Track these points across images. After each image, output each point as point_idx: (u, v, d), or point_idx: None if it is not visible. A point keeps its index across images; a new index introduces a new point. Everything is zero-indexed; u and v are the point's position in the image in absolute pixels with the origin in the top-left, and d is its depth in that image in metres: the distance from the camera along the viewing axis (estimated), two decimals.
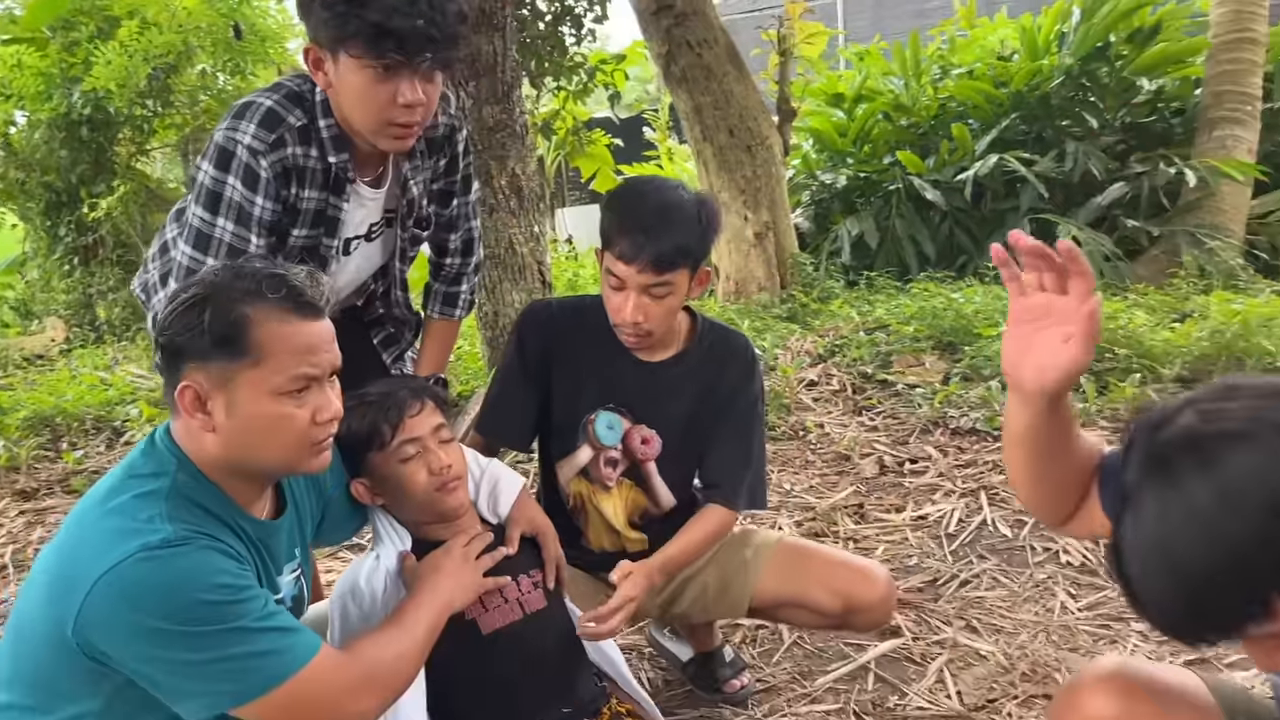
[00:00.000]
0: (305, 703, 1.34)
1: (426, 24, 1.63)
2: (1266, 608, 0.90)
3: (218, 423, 1.37)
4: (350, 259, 2.02)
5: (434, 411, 1.76)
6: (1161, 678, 1.38)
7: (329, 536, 1.84)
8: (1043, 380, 1.22)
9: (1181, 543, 0.92)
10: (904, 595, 2.74)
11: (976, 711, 2.20)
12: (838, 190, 7.89)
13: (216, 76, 7.61)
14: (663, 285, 1.84)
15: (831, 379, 4.64)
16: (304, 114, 1.80)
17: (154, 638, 1.26)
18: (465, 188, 2.16)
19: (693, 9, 6.40)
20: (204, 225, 1.80)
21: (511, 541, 1.83)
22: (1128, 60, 7.44)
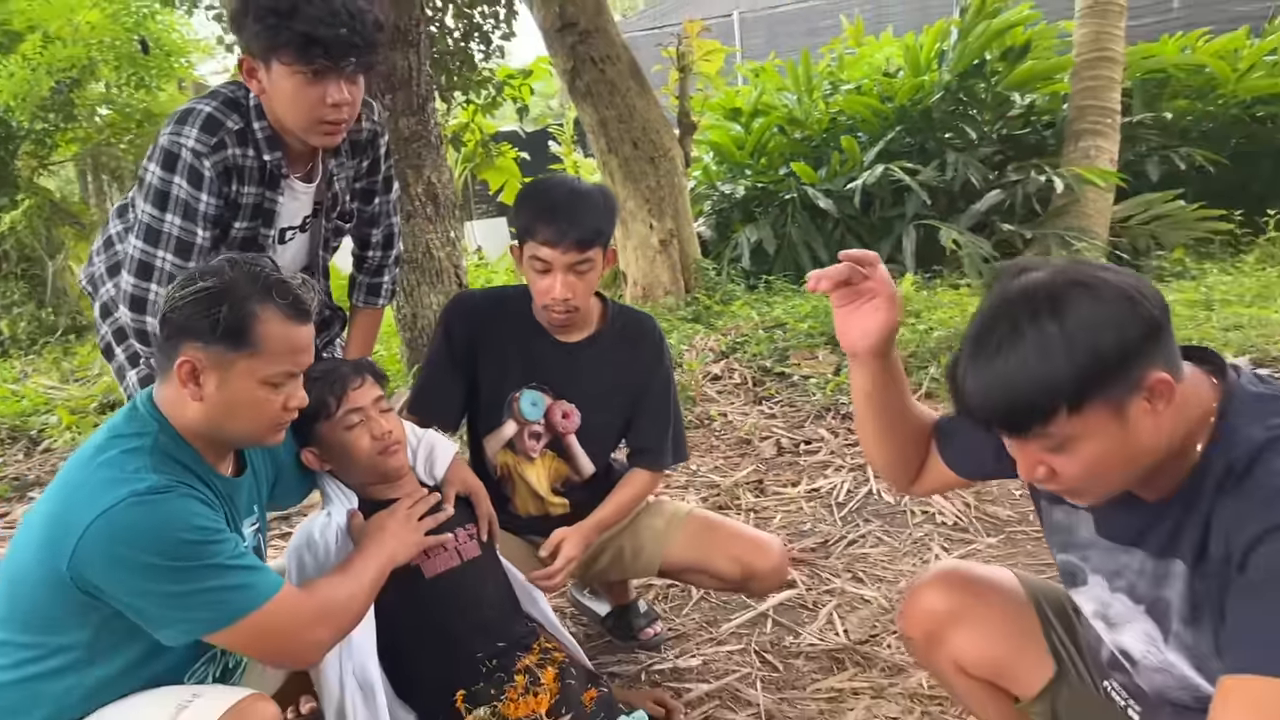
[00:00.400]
0: (270, 631, 1.54)
1: (349, 32, 1.84)
2: (1053, 416, 1.16)
3: (206, 394, 1.56)
4: (286, 248, 2.23)
5: (373, 385, 1.97)
6: (980, 573, 1.72)
7: (282, 500, 2.03)
8: (868, 342, 1.52)
9: (1023, 358, 1.15)
10: (799, 555, 3.05)
11: (861, 645, 2.51)
12: (737, 200, 8.27)
13: (120, 90, 7.58)
14: (585, 262, 2.09)
15: (734, 373, 4.96)
16: (240, 118, 2.00)
17: (142, 571, 1.45)
18: (386, 187, 2.38)
19: (595, 27, 6.68)
20: (153, 221, 1.99)
21: (448, 500, 2.05)
22: (1002, 76, 7.98)
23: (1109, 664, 1.49)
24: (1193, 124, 8.28)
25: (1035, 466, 1.23)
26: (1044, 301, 1.16)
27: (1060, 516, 1.47)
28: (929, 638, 1.69)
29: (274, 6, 1.83)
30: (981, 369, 1.19)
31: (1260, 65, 8.19)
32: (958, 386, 1.23)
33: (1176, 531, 1.27)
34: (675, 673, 2.45)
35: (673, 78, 7.79)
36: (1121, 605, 1.39)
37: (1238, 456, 1.20)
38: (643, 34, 12.75)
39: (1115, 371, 1.14)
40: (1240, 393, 1.25)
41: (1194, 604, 1.28)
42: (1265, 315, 5.18)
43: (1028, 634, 1.64)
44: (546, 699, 1.90)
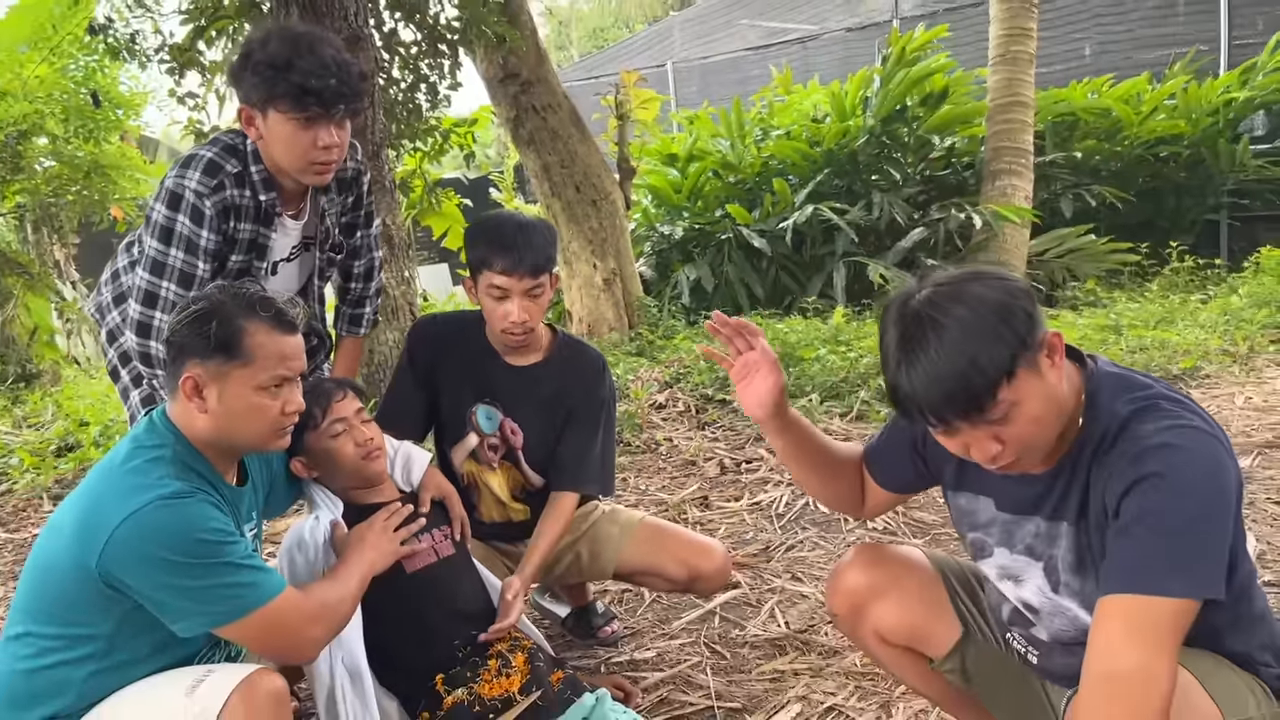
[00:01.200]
0: (276, 626, 1.72)
1: (338, 83, 2.09)
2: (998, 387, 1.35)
3: (210, 407, 1.75)
4: (276, 277, 2.45)
5: (354, 398, 2.17)
6: (894, 551, 1.96)
7: (272, 508, 2.21)
8: (765, 409, 1.78)
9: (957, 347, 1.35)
10: (742, 560, 3.29)
11: (800, 633, 2.75)
12: (676, 240, 8.57)
13: (67, 142, 7.68)
14: (539, 287, 2.31)
15: (677, 401, 5.21)
16: (239, 162, 2.23)
17: (165, 567, 1.62)
18: (367, 221, 2.62)
19: (537, 77, 6.97)
20: (159, 255, 2.20)
21: (424, 503, 2.25)
22: (922, 121, 8.40)
23: (1009, 619, 1.74)
24: (1101, 163, 8.79)
25: (988, 445, 1.42)
26: (948, 298, 1.39)
27: (963, 503, 1.73)
28: (853, 611, 1.91)
29: (271, 61, 2.07)
30: (923, 370, 1.37)
31: (1161, 109, 8.74)
32: (903, 396, 1.41)
33: (1063, 498, 1.53)
34: (632, 664, 2.67)
35: (612, 125, 8.09)
36: (1024, 563, 1.63)
37: (1108, 426, 1.46)
38: (580, 83, 13.11)
39: (1026, 336, 1.37)
40: (1103, 375, 1.52)
41: (1079, 555, 1.53)
42: (1167, 338, 5.59)
43: (937, 602, 1.87)
44: (518, 679, 2.09)
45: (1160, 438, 1.38)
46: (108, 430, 5.25)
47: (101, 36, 4.73)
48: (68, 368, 8.42)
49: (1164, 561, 1.33)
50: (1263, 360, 5.38)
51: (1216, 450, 1.38)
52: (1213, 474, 1.36)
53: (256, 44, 2.12)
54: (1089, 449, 1.48)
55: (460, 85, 5.85)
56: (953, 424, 1.41)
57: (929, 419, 1.42)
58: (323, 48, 2.10)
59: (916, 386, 1.39)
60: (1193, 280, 7.69)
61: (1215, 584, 1.34)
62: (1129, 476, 1.39)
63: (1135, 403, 1.45)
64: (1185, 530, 1.33)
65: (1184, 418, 1.41)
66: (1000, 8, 7.83)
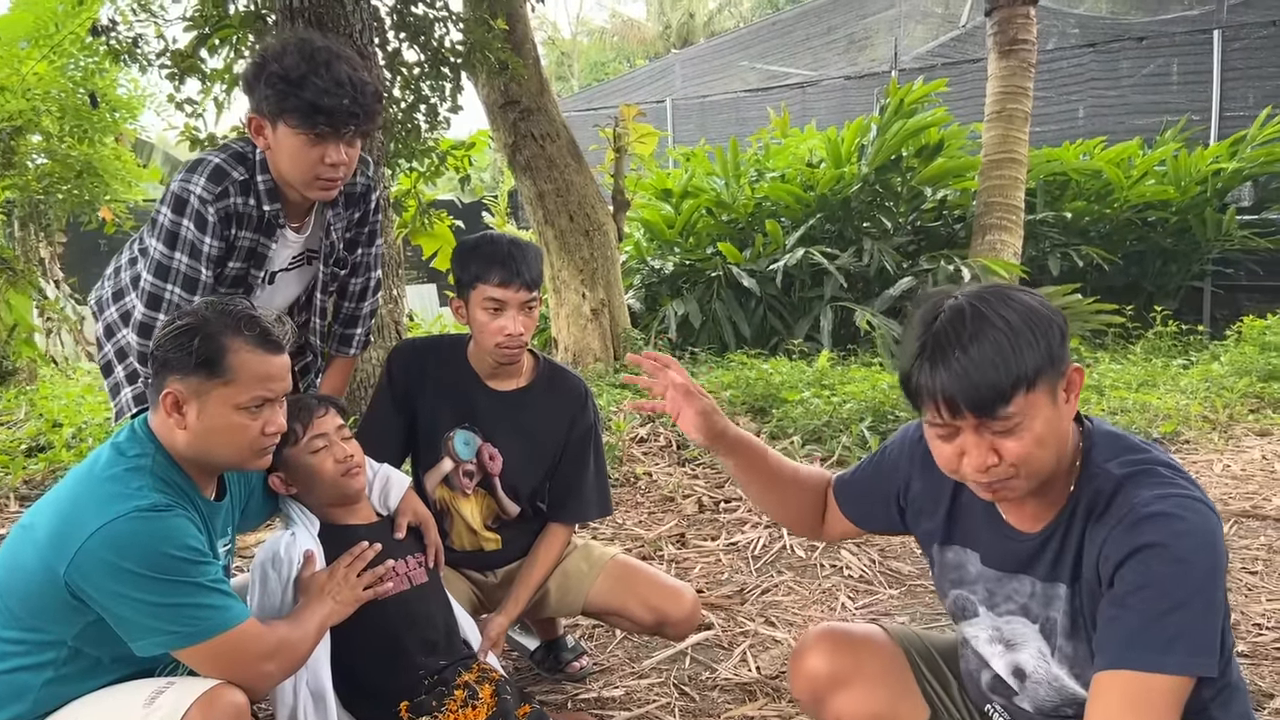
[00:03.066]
0: (233, 655, 1.68)
1: (351, 103, 2.07)
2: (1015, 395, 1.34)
3: (189, 424, 1.73)
4: (275, 288, 2.43)
5: (335, 415, 2.15)
6: (855, 630, 1.93)
7: (247, 521, 2.18)
8: (699, 434, 1.80)
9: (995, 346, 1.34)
10: (716, 601, 3.26)
11: (772, 679, 2.72)
12: (666, 275, 8.58)
13: (61, 141, 7.65)
14: (533, 300, 2.33)
15: (659, 436, 5.19)
16: (245, 170, 2.21)
17: (131, 580, 1.59)
18: (370, 239, 2.58)
19: (537, 105, 7.01)
20: (164, 258, 2.19)
21: (400, 529, 2.23)
22: (916, 172, 8.48)
23: (990, 688, 1.70)
24: (1090, 224, 8.87)
25: (985, 455, 1.41)
26: (996, 298, 1.39)
27: (951, 556, 1.69)
28: (814, 698, 1.87)
29: (285, 75, 2.05)
30: (953, 362, 1.36)
31: (1152, 174, 8.84)
32: (921, 382, 1.40)
33: (1058, 558, 1.51)
34: (599, 702, 2.63)
35: (609, 157, 8.12)
36: (1019, 626, 1.60)
37: (1102, 487, 1.45)
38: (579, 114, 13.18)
39: (1055, 358, 1.37)
40: (1099, 434, 1.51)
41: (1074, 619, 1.51)
42: (1148, 400, 5.61)
43: (902, 684, 1.84)
44: (484, 712, 2.05)
45: (1158, 506, 1.37)
46: (81, 433, 5.18)
47: (104, 38, 4.71)
48: (45, 366, 8.34)
49: (1162, 637, 1.32)
50: (1241, 429, 5.41)
51: (1212, 523, 1.37)
52: (1209, 548, 1.35)
53: (273, 55, 2.10)
54: (1083, 508, 1.47)
55: (461, 108, 5.85)
56: (960, 419, 1.39)
57: (939, 410, 1.39)
58: (339, 65, 2.08)
59: (939, 374, 1.37)
60: (1175, 345, 7.75)
61: (1211, 661, 1.33)
62: (1126, 545, 1.37)
63: (1131, 466, 1.44)
64: (1182, 605, 1.32)
65: (1181, 486, 1.40)
66: (998, 65, 7.92)
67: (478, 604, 2.57)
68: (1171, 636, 1.32)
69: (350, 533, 2.15)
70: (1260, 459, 4.82)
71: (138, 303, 2.23)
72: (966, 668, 1.78)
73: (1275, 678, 2.65)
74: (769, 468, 1.88)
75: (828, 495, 1.90)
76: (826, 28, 13.66)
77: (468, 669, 2.17)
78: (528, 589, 2.47)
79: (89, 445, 4.92)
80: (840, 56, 13.53)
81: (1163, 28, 10.78)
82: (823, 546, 3.73)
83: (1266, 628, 2.96)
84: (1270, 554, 3.57)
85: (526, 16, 7.04)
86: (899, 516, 1.78)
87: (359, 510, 2.20)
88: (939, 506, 1.67)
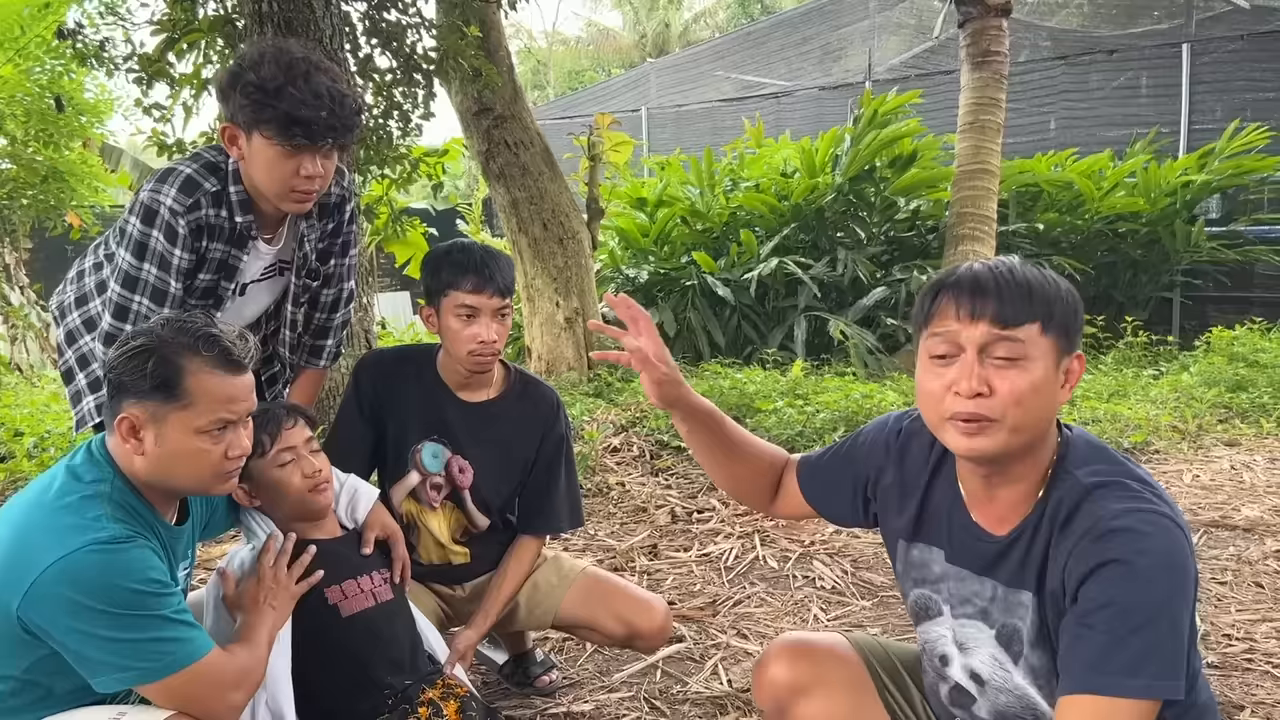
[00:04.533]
0: (198, 688, 1.61)
1: (329, 115, 2.01)
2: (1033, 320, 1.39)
3: (147, 449, 1.64)
4: (245, 299, 2.38)
5: (304, 427, 2.10)
6: (816, 640, 1.93)
7: (209, 532, 2.11)
8: (658, 398, 1.79)
9: (1035, 274, 1.43)
10: (688, 613, 3.23)
11: (744, 692, 2.69)
12: (640, 284, 8.56)
13: (26, 145, 7.53)
14: (506, 307, 2.30)
15: (632, 446, 5.16)
16: (218, 181, 2.15)
17: (92, 616, 1.50)
18: (344, 250, 2.50)
19: (511, 113, 6.97)
20: (132, 269, 2.14)
21: (367, 544, 2.18)
22: (890, 182, 8.51)
23: (950, 700, 1.69)
24: (1062, 235, 8.93)
25: (975, 380, 1.40)
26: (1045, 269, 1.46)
27: (917, 554, 1.68)
28: (777, 707, 1.88)
29: (261, 85, 1.99)
30: (996, 269, 1.42)
31: (1122, 185, 8.92)
32: (956, 280, 1.44)
33: (1023, 564, 1.49)
34: (569, 717, 2.59)
35: (583, 165, 8.09)
36: (974, 630, 1.59)
37: (1067, 495, 1.44)
38: (554, 122, 13.16)
39: (1073, 327, 1.43)
40: (1076, 442, 1.50)
41: (1040, 630, 1.50)
42: (1119, 410, 5.64)
43: (863, 693, 1.84)
44: None
45: (1124, 520, 1.36)
46: (43, 442, 5.08)
47: (70, 41, 4.63)
48: (9, 375, 8.20)
49: (1125, 660, 1.31)
50: (1210, 439, 5.45)
51: (1179, 540, 1.36)
52: (1175, 566, 1.34)
53: (249, 63, 2.04)
54: (1049, 514, 1.46)
55: (433, 115, 5.81)
56: (978, 318, 1.40)
57: (958, 311, 1.42)
58: (318, 76, 2.03)
59: (976, 273, 1.43)
60: (1145, 355, 7.81)
61: (1177, 683, 1.31)
62: (1090, 560, 1.36)
63: (1099, 475, 1.43)
64: (1145, 626, 1.31)
65: (1149, 501, 1.39)
66: (971, 77, 7.96)
67: (444, 619, 2.53)
68: (1136, 659, 1.30)
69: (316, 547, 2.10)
70: (1229, 469, 4.86)
71: (105, 313, 2.18)
72: (928, 681, 1.76)
73: (1245, 690, 2.65)
74: (725, 440, 1.86)
75: (784, 474, 1.89)
76: (801, 38, 13.72)
77: (432, 685, 2.13)
78: (497, 603, 2.43)
79: (51, 455, 4.83)
80: (815, 67, 13.58)
81: (1133, 41, 10.90)
82: (795, 557, 3.71)
83: (1236, 639, 2.96)
84: (1239, 564, 3.58)
85: (500, 24, 7.01)
86: (862, 507, 1.77)
87: (324, 525, 2.15)
88: (909, 502, 1.66)
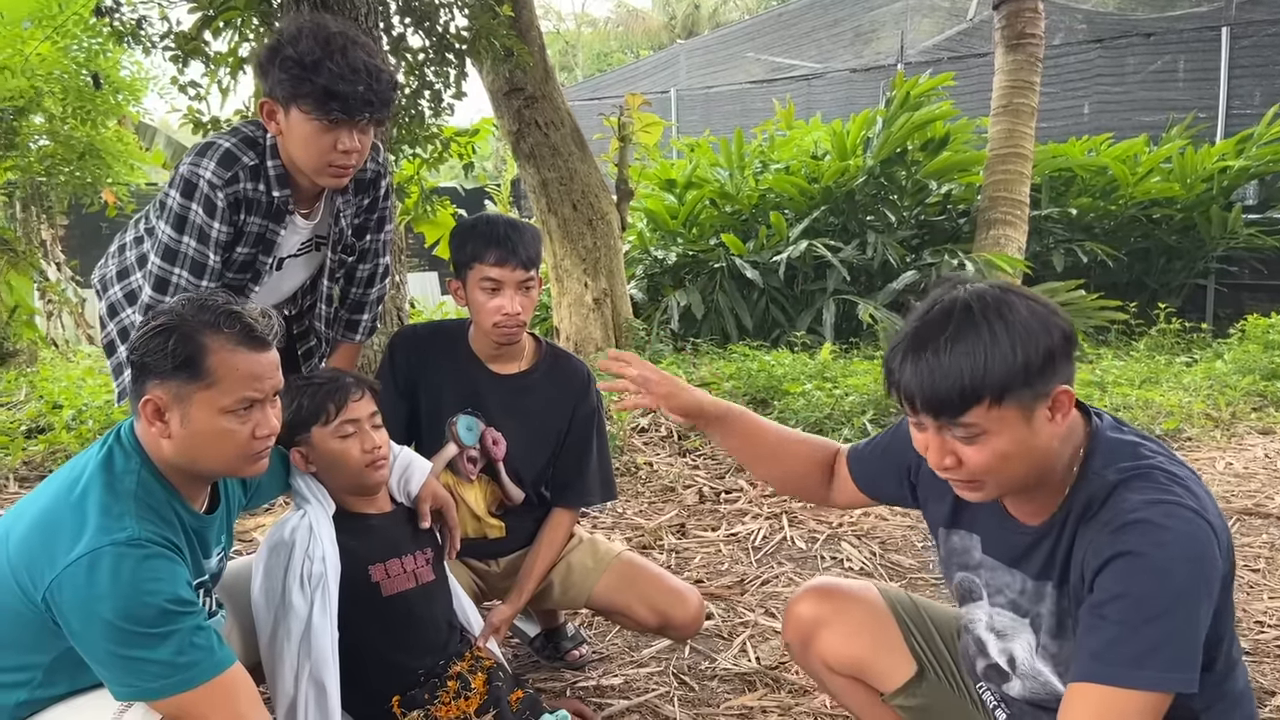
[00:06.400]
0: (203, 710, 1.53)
1: (366, 90, 2.03)
2: (974, 406, 1.33)
3: (173, 431, 1.60)
4: (283, 274, 2.41)
5: (370, 400, 2.10)
6: (845, 585, 2.00)
7: (259, 498, 2.08)
8: (674, 407, 1.89)
9: (965, 352, 1.32)
10: (716, 591, 3.25)
11: (771, 670, 2.71)
12: (669, 265, 8.56)
13: (64, 122, 7.61)
14: (531, 280, 2.32)
15: (660, 426, 5.18)
16: (256, 155, 2.18)
17: (104, 629, 1.46)
18: (379, 226, 2.53)
19: (542, 93, 6.97)
20: (171, 242, 2.17)
21: (424, 517, 2.20)
22: (921, 165, 8.44)
23: (984, 675, 1.71)
24: (1095, 220, 8.84)
25: (945, 455, 1.40)
26: (993, 303, 1.35)
27: (956, 541, 1.69)
28: (801, 642, 1.96)
29: (300, 59, 2.01)
30: (922, 359, 1.35)
31: (1157, 171, 8.81)
32: (893, 372, 1.41)
33: (1049, 558, 1.50)
34: (598, 690, 2.62)
35: (613, 146, 8.08)
36: (1008, 619, 1.60)
37: (1095, 492, 1.42)
38: (583, 103, 13.14)
39: (1034, 377, 1.32)
40: (1103, 436, 1.48)
41: (1059, 620, 1.50)
42: (1151, 397, 5.60)
43: (887, 637, 1.90)
44: (476, 701, 2.04)
45: (1143, 513, 1.34)
46: (81, 415, 5.17)
47: (108, 19, 4.67)
48: (46, 349, 8.32)
49: (1135, 651, 1.29)
50: (1244, 427, 5.40)
51: (1201, 532, 1.33)
52: (1193, 558, 1.31)
53: (288, 39, 2.06)
54: (1075, 512, 1.45)
55: (465, 95, 5.82)
56: (921, 417, 1.40)
57: (903, 401, 1.40)
58: (355, 51, 2.05)
59: (906, 368, 1.37)
60: (1178, 342, 7.73)
61: (1188, 677, 1.29)
62: (1106, 551, 1.35)
63: (1126, 472, 1.41)
64: (1158, 618, 1.29)
65: (1172, 492, 1.36)
66: (1005, 60, 7.90)
67: (479, 593, 2.55)
68: (1145, 651, 1.29)
69: (363, 522, 2.13)
70: (1263, 457, 4.81)
71: (145, 285, 2.21)
72: (964, 650, 1.78)
73: (1277, 675, 2.64)
74: (763, 438, 1.91)
75: (836, 465, 1.92)
76: (832, 20, 13.62)
77: (460, 658, 2.15)
78: (532, 578, 2.46)
79: (89, 428, 4.91)
80: (846, 49, 13.48)
81: (1170, 24, 10.74)
82: (823, 538, 3.72)
83: (1268, 625, 2.95)
84: (1272, 551, 3.56)
85: (532, 4, 7.00)
86: (910, 491, 1.80)
87: (377, 500, 2.17)
88: (948, 490, 1.66)
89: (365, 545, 2.09)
